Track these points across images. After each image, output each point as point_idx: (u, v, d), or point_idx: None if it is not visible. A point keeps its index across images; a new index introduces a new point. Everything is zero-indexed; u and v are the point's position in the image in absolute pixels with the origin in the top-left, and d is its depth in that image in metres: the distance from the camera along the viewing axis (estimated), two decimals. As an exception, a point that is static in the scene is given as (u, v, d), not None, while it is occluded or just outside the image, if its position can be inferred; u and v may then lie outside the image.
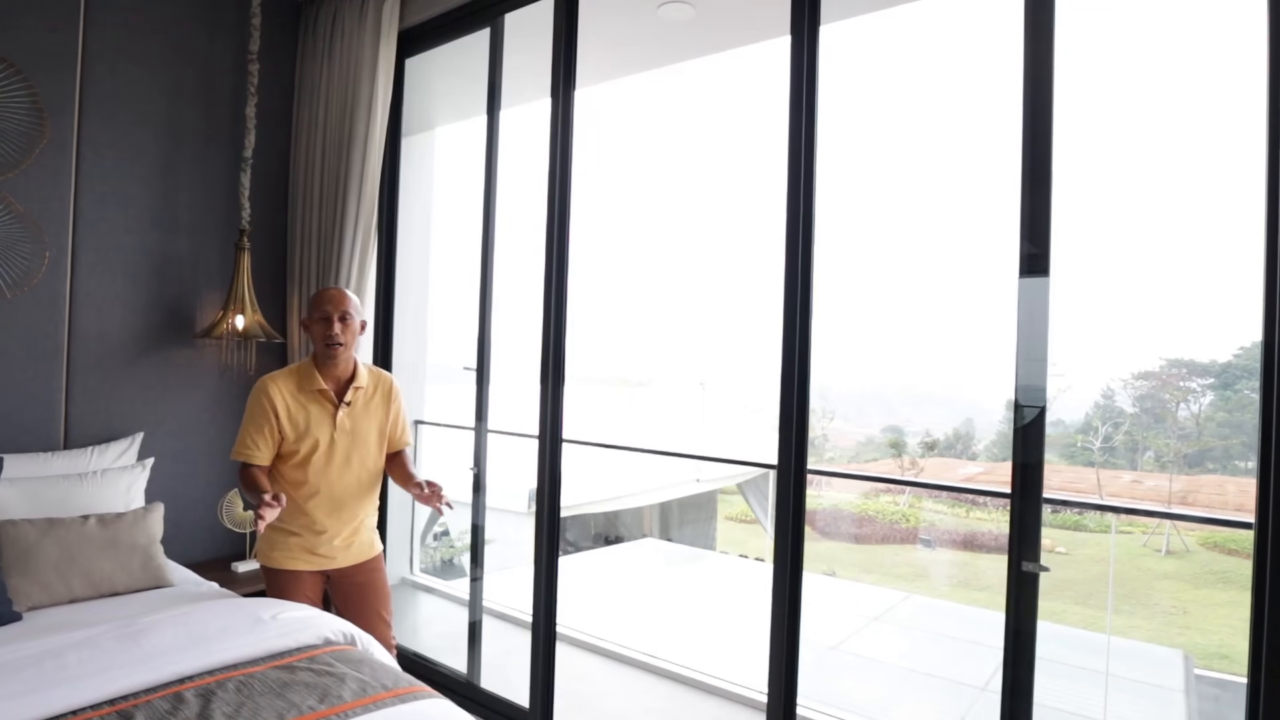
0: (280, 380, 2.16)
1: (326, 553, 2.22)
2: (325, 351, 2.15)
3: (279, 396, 2.13)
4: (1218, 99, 6.71)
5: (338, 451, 2.17)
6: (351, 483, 2.21)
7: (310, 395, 2.16)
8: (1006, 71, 1.77)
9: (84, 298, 2.64)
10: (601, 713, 3.09)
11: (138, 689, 1.56)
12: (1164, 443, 10.13)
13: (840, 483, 12.16)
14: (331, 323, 2.13)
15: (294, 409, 2.14)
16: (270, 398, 2.12)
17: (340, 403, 2.18)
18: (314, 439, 2.15)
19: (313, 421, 2.15)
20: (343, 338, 2.14)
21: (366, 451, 2.23)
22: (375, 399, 2.26)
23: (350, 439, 2.19)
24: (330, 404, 2.18)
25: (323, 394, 2.17)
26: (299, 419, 2.14)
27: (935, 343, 12.07)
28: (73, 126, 2.58)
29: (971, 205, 10.15)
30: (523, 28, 2.85)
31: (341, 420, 2.18)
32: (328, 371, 2.18)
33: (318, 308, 2.16)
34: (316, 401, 2.17)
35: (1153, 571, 8.86)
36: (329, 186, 2.95)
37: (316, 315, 2.15)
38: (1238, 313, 1.60)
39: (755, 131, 10.98)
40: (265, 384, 2.15)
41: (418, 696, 1.65)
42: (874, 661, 4.84)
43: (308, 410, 2.15)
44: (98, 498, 2.40)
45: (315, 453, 2.15)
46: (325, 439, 2.16)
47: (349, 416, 2.19)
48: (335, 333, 2.13)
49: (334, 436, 2.17)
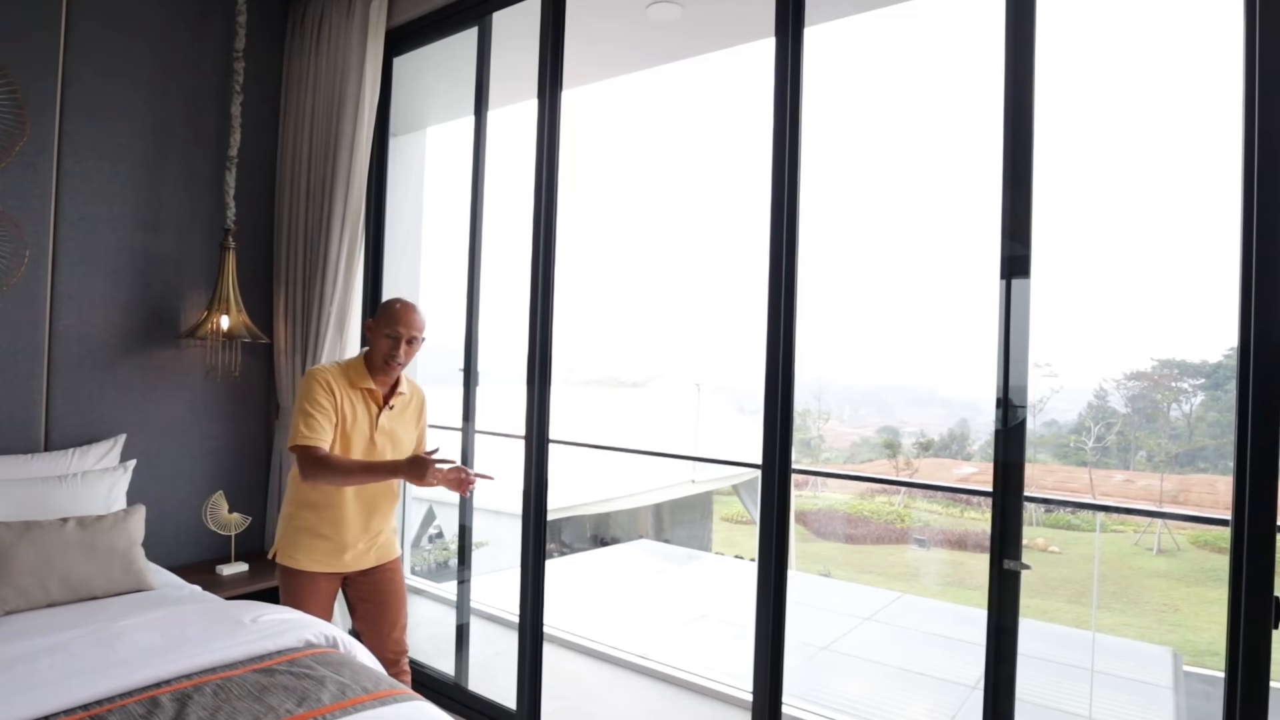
0: (331, 372, 2.14)
1: (353, 555, 2.20)
2: (384, 368, 2.14)
3: (337, 387, 2.11)
4: (1207, 98, 6.73)
5: (375, 451, 2.17)
6: (382, 484, 2.20)
7: (358, 393, 2.16)
8: (992, 71, 1.77)
9: (65, 297, 2.62)
10: (591, 715, 3.08)
11: (112, 694, 1.54)
12: (1155, 442, 10.16)
13: (836, 484, 12.18)
14: (399, 344, 2.12)
15: (344, 402, 2.13)
16: (330, 385, 2.09)
17: (385, 405, 2.19)
18: (357, 436, 2.14)
19: (358, 418, 2.15)
20: (404, 359, 2.14)
21: (398, 456, 2.22)
22: (411, 408, 2.28)
23: (388, 441, 2.20)
24: (375, 404, 2.18)
25: (370, 394, 2.17)
26: (346, 413, 2.13)
27: (931, 343, 12.10)
28: (54, 124, 2.56)
29: (965, 205, 10.17)
30: (511, 27, 2.84)
31: (382, 423, 2.18)
32: (378, 378, 2.18)
33: (389, 325, 2.12)
34: (363, 400, 2.17)
35: (1144, 570, 8.89)
36: (316, 185, 2.93)
37: (386, 331, 2.11)
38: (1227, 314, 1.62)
39: (748, 132, 10.98)
40: (318, 371, 2.12)
41: (398, 699, 1.64)
42: (866, 661, 4.84)
43: (354, 406, 2.15)
44: (78, 500, 2.38)
45: (356, 449, 2.14)
46: (366, 438, 2.16)
47: (389, 419, 2.20)
48: (400, 354, 2.12)
49: (374, 437, 2.17)
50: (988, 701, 1.75)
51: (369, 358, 2.17)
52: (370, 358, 2.17)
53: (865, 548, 11.12)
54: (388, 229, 3.30)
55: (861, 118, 10.96)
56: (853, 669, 4.69)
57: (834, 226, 10.34)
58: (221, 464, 3.05)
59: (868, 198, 11.61)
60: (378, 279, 3.26)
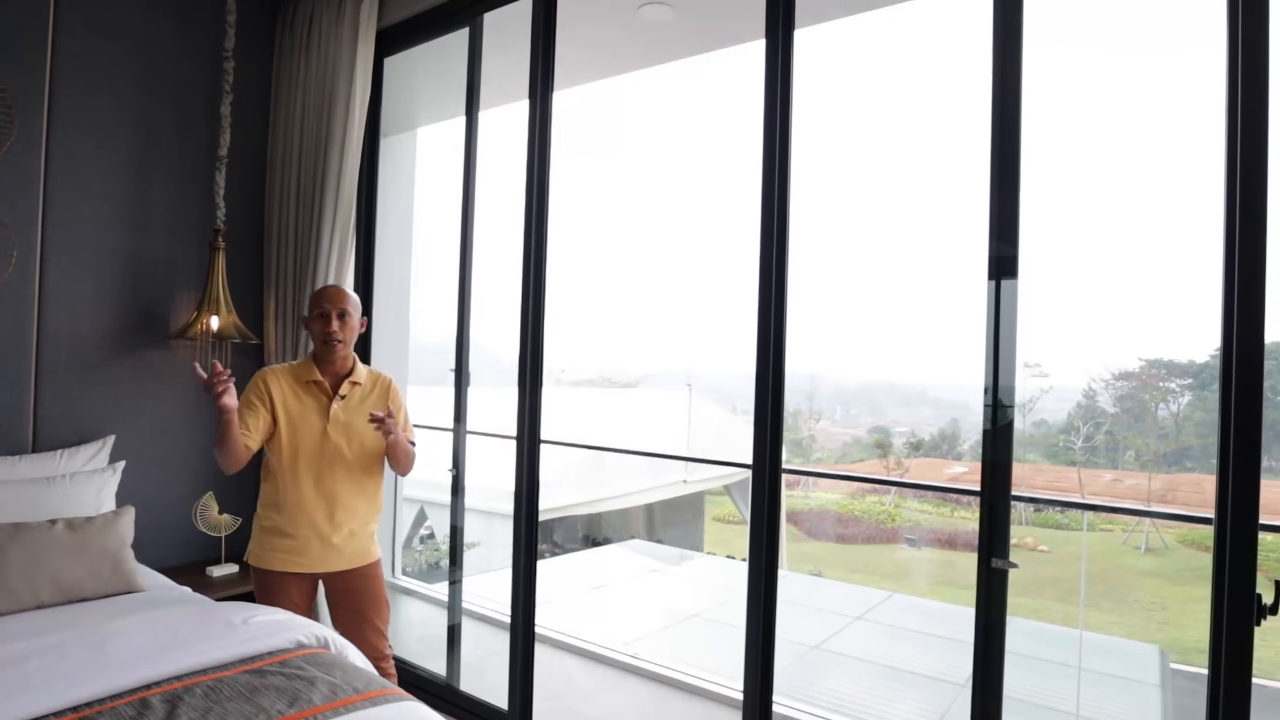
0: (278, 371, 2.21)
1: (319, 554, 2.18)
2: (324, 348, 2.19)
3: (275, 384, 2.16)
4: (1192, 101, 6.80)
5: (330, 444, 2.17)
6: (345, 477, 2.20)
7: (305, 387, 2.19)
8: (981, 73, 1.78)
9: (53, 298, 2.61)
10: (583, 714, 3.08)
11: (102, 695, 1.53)
12: (1143, 442, 10.25)
13: (827, 484, 12.22)
14: (330, 319, 2.17)
15: (289, 398, 2.16)
16: (267, 383, 2.16)
17: (335, 395, 2.19)
18: (307, 430, 2.16)
19: (307, 412, 2.17)
20: (341, 334, 2.18)
21: (361, 448, 2.21)
22: (373, 397, 2.27)
23: (344, 433, 2.19)
24: (325, 396, 2.20)
25: (318, 385, 2.19)
26: (293, 408, 2.16)
27: (922, 344, 12.16)
28: (42, 124, 2.55)
29: (955, 206, 10.22)
30: (502, 28, 2.84)
31: (335, 413, 2.19)
32: (325, 367, 2.21)
33: (317, 305, 2.19)
34: (311, 393, 2.19)
35: (1132, 569, 8.96)
36: (306, 186, 2.93)
37: (316, 312, 2.19)
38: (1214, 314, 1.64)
39: (740, 133, 11.01)
40: (264, 372, 2.19)
41: (389, 699, 1.64)
42: (857, 660, 4.86)
43: (302, 401, 2.17)
44: (67, 501, 2.37)
45: (308, 444, 2.16)
46: (318, 430, 2.17)
47: (343, 410, 2.20)
48: (334, 329, 2.16)
49: (326, 429, 2.17)
50: (976, 698, 1.77)
51: (314, 352, 2.22)
52: (314, 351, 2.22)
53: (856, 547, 11.17)
54: (378, 230, 3.29)
55: (851, 119, 11.02)
56: (843, 668, 4.71)
57: (824, 227, 10.38)
58: (211, 465, 3.02)
59: (858, 199, 11.66)
60: (368, 280, 3.25)
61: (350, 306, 2.21)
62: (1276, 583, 1.43)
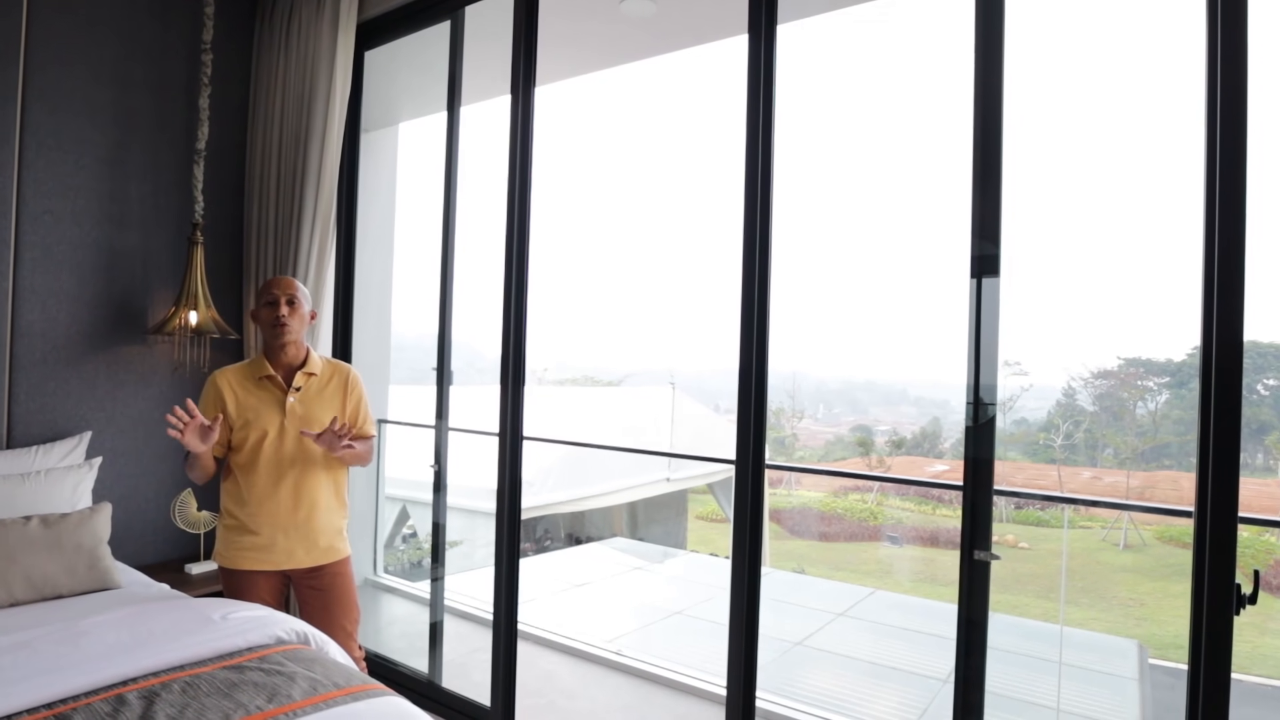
0: (229, 371, 2.18)
1: (285, 550, 2.16)
2: (273, 334, 2.14)
3: (227, 386, 2.14)
4: (1172, 102, 6.90)
5: (289, 438, 2.15)
6: (307, 472, 2.17)
7: (258, 383, 2.16)
8: (963, 71, 1.80)
9: (27, 292, 2.56)
10: (566, 711, 3.08)
11: (77, 692, 1.51)
12: (1122, 439, 10.39)
13: (810, 482, 12.28)
14: (279, 305, 2.14)
15: (242, 397, 2.13)
16: (218, 387, 2.14)
17: (289, 388, 2.16)
18: (264, 426, 2.13)
19: (262, 408, 2.14)
20: (290, 319, 2.14)
21: None
22: (331, 387, 2.24)
23: (303, 426, 2.15)
24: (279, 390, 2.16)
25: (271, 380, 2.16)
26: (247, 406, 2.13)
27: (903, 342, 12.25)
28: (15, 116, 2.50)
29: (937, 205, 10.30)
30: (484, 22, 2.83)
31: (292, 407, 2.16)
32: (277, 359, 2.18)
33: (265, 294, 2.17)
34: (265, 388, 2.16)
35: (1110, 565, 9.08)
36: (286, 180, 2.90)
37: (264, 301, 2.16)
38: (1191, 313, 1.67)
39: (723, 129, 11.04)
40: (214, 376, 2.17)
41: (370, 694, 1.63)
42: (839, 656, 4.89)
43: (257, 397, 2.15)
44: (42, 498, 2.33)
45: (266, 439, 2.13)
46: (275, 426, 2.14)
47: (300, 403, 2.17)
48: (283, 314, 2.13)
49: (284, 424, 2.15)
50: (958, 692, 1.78)
51: (266, 343, 2.19)
52: (264, 338, 2.19)
53: (839, 545, 11.23)
54: (359, 226, 3.27)
55: (834, 117, 11.08)
56: (826, 664, 4.74)
57: (807, 225, 10.42)
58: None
59: (841, 197, 11.73)
60: (349, 275, 3.23)
61: (298, 293, 2.19)
62: (1255, 573, 1.45)
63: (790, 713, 3.10)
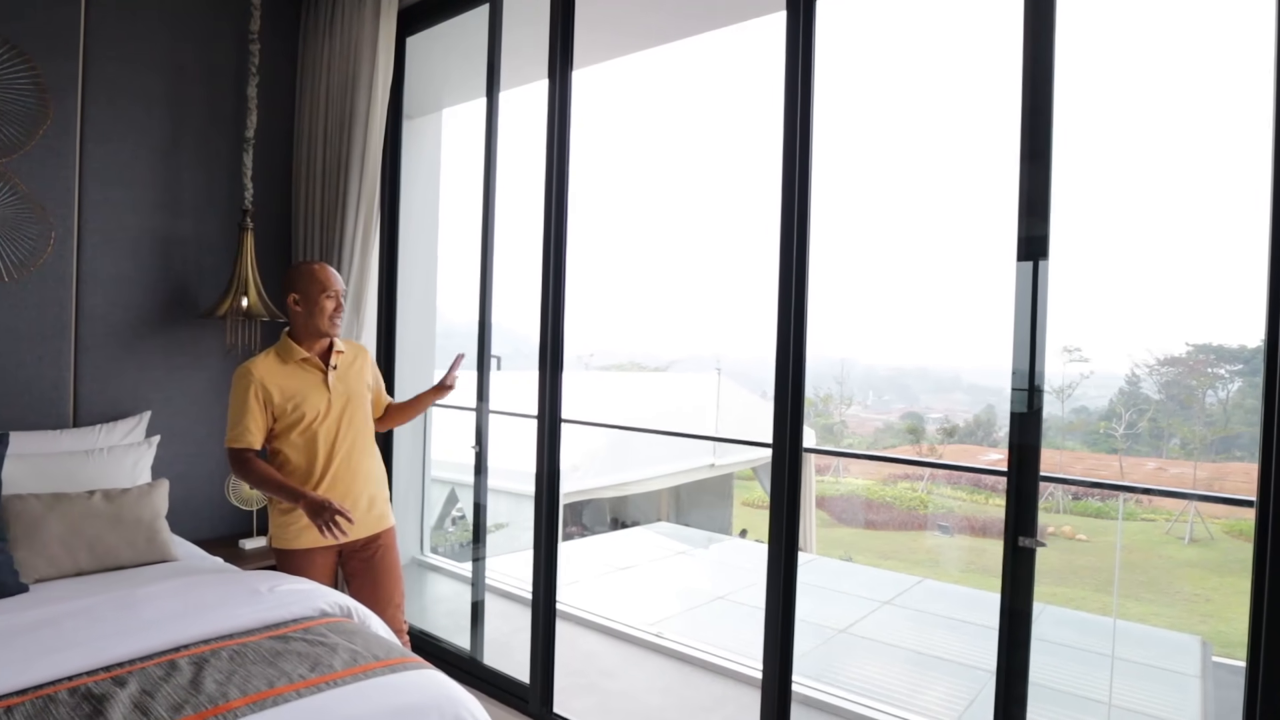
0: (259, 362, 2.19)
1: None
2: (330, 324, 2.22)
3: (265, 376, 2.16)
4: (1241, 69, 6.51)
5: (339, 413, 2.22)
6: (359, 442, 2.27)
7: (296, 366, 2.21)
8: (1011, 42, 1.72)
9: (89, 278, 2.68)
10: (605, 690, 3.11)
11: (133, 656, 1.58)
12: (1190, 429, 9.95)
13: (857, 469, 12.11)
14: (338, 298, 2.24)
15: (284, 383, 2.18)
16: (256, 379, 2.14)
17: (327, 367, 2.23)
18: (314, 405, 2.19)
19: (307, 390, 2.19)
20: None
21: (363, 411, 2.30)
22: (356, 365, 2.33)
23: (346, 400, 2.24)
24: (319, 370, 2.23)
25: (309, 362, 2.22)
26: (291, 391, 2.17)
27: (955, 328, 11.93)
28: (75, 108, 2.61)
29: (991, 183, 9.96)
30: (522, 6, 2.82)
31: (334, 383, 2.23)
32: (314, 344, 2.24)
33: (326, 285, 2.21)
34: (304, 370, 2.21)
35: (1175, 559, 8.73)
36: (331, 166, 2.96)
37: (326, 294, 2.21)
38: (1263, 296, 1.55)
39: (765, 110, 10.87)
40: (246, 368, 2.17)
41: (408, 667, 1.66)
42: (884, 644, 4.82)
43: (299, 380, 2.20)
44: (104, 474, 2.44)
45: (319, 418, 2.19)
46: (323, 403, 2.20)
47: (338, 379, 2.24)
48: (343, 306, 2.27)
49: (331, 400, 2.22)
50: (1000, 683, 1.74)
51: (305, 327, 2.22)
52: (310, 325, 2.21)
53: (887, 533, 11.05)
54: (404, 212, 3.32)
55: (877, 95, 10.78)
56: (870, 652, 4.68)
57: (854, 210, 10.20)
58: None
59: (886, 180, 11.43)
60: (393, 260, 3.28)
61: None
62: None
63: (832, 699, 3.07)
